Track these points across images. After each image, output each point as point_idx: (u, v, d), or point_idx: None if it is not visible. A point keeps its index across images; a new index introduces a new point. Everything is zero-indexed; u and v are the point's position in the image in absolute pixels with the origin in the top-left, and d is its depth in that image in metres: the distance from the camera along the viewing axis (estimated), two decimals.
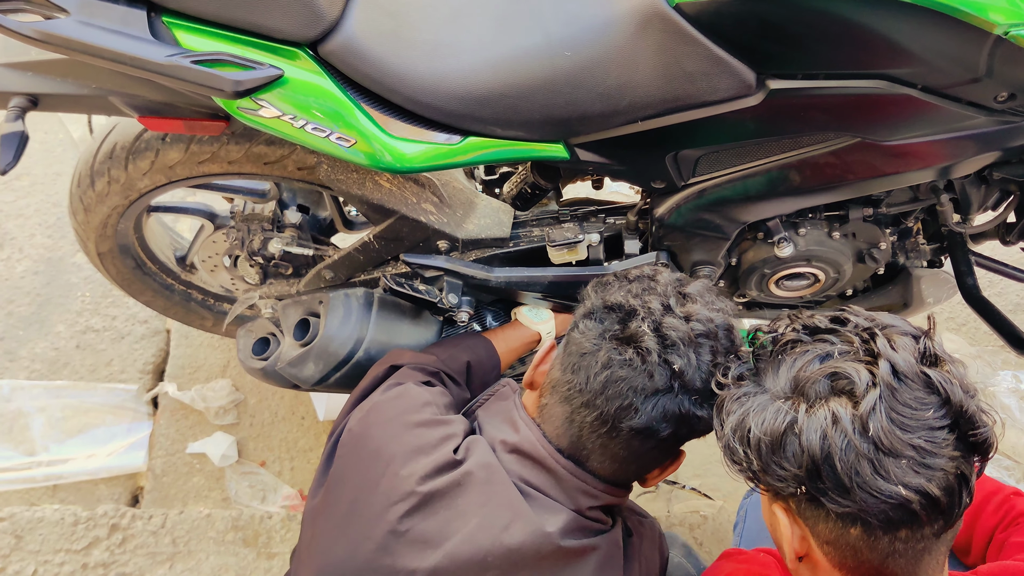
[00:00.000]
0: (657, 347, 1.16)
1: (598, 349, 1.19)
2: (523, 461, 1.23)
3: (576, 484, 1.22)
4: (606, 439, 1.20)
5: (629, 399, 1.16)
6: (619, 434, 1.19)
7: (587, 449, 1.22)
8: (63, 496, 2.30)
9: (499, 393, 1.43)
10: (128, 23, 1.20)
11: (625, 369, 1.16)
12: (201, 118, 1.43)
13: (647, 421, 1.17)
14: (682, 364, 1.16)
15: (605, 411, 1.18)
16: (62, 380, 2.49)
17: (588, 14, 1.35)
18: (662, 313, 1.19)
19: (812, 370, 0.95)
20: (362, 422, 1.31)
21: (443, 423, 1.28)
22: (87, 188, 1.72)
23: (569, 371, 1.22)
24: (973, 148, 1.42)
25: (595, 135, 1.43)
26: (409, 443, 1.23)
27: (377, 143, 1.34)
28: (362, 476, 1.23)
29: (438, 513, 1.16)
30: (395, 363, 1.51)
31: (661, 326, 1.17)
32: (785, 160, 1.47)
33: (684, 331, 1.17)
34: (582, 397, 1.20)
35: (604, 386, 1.17)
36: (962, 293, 1.75)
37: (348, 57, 1.29)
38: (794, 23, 1.23)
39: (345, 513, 1.21)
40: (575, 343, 1.23)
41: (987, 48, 1.18)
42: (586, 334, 1.22)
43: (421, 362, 1.52)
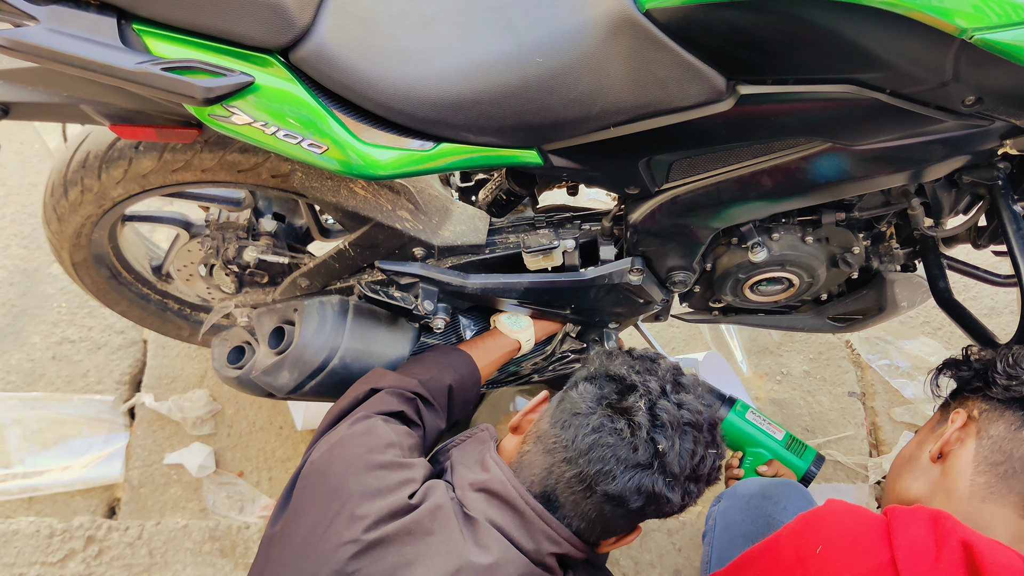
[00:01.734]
0: (648, 424, 1.23)
1: (592, 413, 1.26)
2: (491, 500, 1.27)
3: (542, 527, 1.26)
4: (579, 497, 1.26)
5: (610, 466, 1.22)
6: (592, 495, 1.24)
7: (559, 502, 1.28)
8: (39, 508, 2.28)
9: (477, 436, 1.46)
10: (98, 30, 1.20)
11: (613, 437, 1.23)
12: (173, 126, 1.43)
13: (621, 490, 1.22)
14: (666, 446, 1.23)
15: (585, 471, 1.23)
16: (38, 391, 2.48)
17: (559, 20, 1.36)
18: (658, 395, 1.28)
19: None
20: (325, 456, 1.32)
21: (404, 467, 1.30)
22: (60, 198, 1.71)
23: (559, 426, 1.29)
24: (942, 152, 1.43)
25: (568, 141, 1.44)
26: (368, 484, 1.25)
27: (350, 150, 1.34)
28: (319, 511, 1.24)
29: (386, 559, 1.18)
30: (375, 386, 1.52)
31: (655, 406, 1.26)
32: (757, 165, 1.47)
33: (674, 416, 1.26)
34: (566, 453, 1.26)
35: (590, 448, 1.23)
36: (934, 297, 1.76)
37: (320, 64, 1.29)
38: (763, 29, 1.24)
39: (299, 546, 1.22)
40: (570, 402, 1.30)
41: (953, 52, 1.19)
42: (584, 396, 1.30)
43: (401, 386, 1.53)
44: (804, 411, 2.58)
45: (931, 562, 1.06)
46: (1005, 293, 2.82)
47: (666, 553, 2.20)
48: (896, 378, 2.63)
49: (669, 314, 2.01)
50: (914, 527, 1.12)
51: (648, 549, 2.20)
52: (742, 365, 2.68)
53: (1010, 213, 1.51)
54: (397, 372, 1.63)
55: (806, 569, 1.16)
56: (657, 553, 2.20)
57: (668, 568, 2.17)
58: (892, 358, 2.68)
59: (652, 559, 2.19)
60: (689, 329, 2.78)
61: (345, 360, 1.63)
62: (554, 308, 1.83)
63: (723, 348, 2.72)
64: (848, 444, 2.51)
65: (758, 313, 2.05)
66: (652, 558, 2.19)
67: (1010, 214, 1.51)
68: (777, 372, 2.67)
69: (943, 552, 1.07)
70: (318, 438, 1.41)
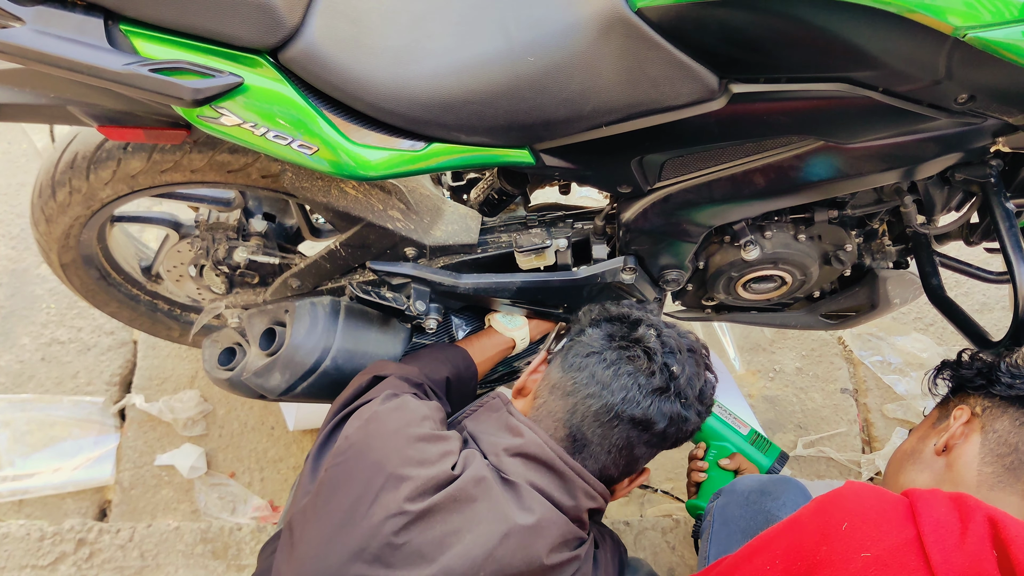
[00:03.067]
0: (661, 349, 1.35)
1: (606, 348, 1.36)
2: (529, 464, 1.30)
3: (581, 485, 1.32)
4: (607, 429, 1.33)
5: (632, 392, 1.31)
6: (620, 424, 1.32)
7: (586, 439, 1.34)
8: (29, 511, 2.27)
9: (488, 404, 1.46)
10: (85, 31, 1.19)
11: (631, 365, 1.33)
12: (162, 127, 1.42)
13: (645, 412, 1.31)
14: (678, 369, 1.35)
15: (610, 401, 1.31)
16: (27, 393, 2.46)
17: (551, 19, 1.35)
18: (662, 325, 1.41)
19: None
20: (361, 431, 1.32)
21: (442, 439, 1.31)
22: (48, 199, 1.70)
23: (574, 369, 1.37)
24: (935, 150, 1.42)
25: (560, 140, 1.43)
26: (410, 457, 1.26)
27: (340, 150, 1.33)
28: (362, 486, 1.24)
29: (434, 528, 1.20)
30: (379, 373, 1.52)
31: (662, 334, 1.38)
32: (750, 164, 1.47)
33: (679, 343, 1.39)
34: (587, 389, 1.33)
35: (612, 379, 1.32)
36: (927, 293, 1.76)
37: (309, 64, 1.28)
38: (755, 27, 1.23)
39: (340, 521, 1.22)
40: (581, 345, 1.39)
41: (945, 50, 1.19)
42: (593, 337, 1.39)
43: (405, 374, 1.54)
44: (797, 408, 2.58)
45: (957, 538, 1.07)
46: (997, 289, 2.83)
47: (660, 551, 2.20)
48: (888, 374, 2.63)
49: (662, 312, 2.01)
50: (938, 506, 1.13)
51: (642, 547, 2.19)
52: (735, 362, 2.68)
53: (1002, 210, 1.51)
54: (400, 362, 1.65)
55: (831, 546, 1.16)
56: (651, 551, 2.19)
57: (663, 566, 2.17)
58: (885, 354, 2.68)
59: (646, 557, 2.18)
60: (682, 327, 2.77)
61: (337, 361, 1.63)
62: (547, 307, 1.83)
63: (716, 345, 2.72)
64: (841, 440, 2.51)
65: (751, 311, 2.05)
66: (646, 556, 2.18)
67: (1002, 211, 1.51)
68: (770, 369, 2.66)
69: (969, 527, 1.08)
70: (327, 429, 1.40)
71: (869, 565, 1.11)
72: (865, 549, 1.12)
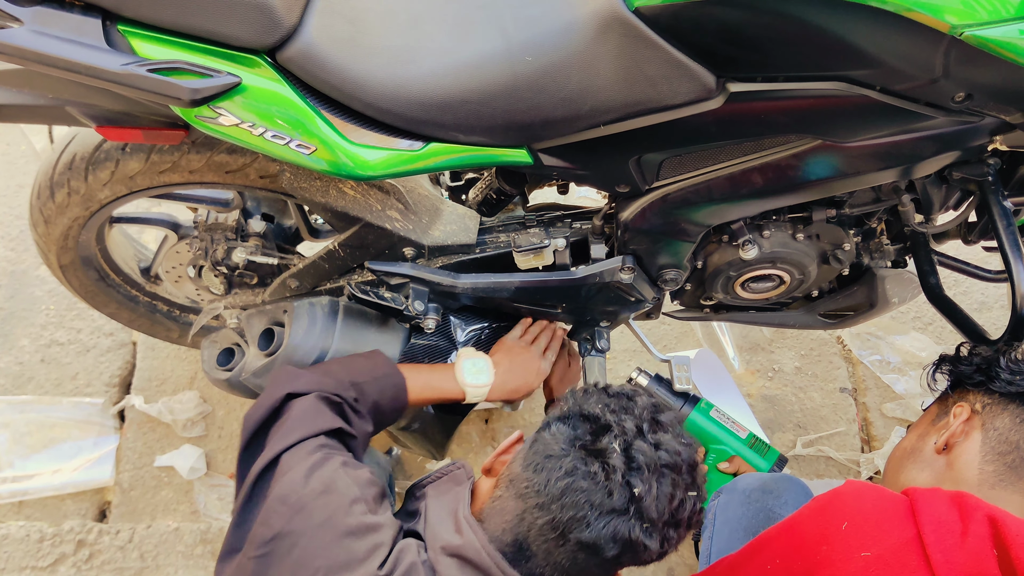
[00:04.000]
0: (623, 467, 1.17)
1: (565, 455, 1.19)
2: (465, 568, 1.21)
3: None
4: (552, 546, 1.18)
5: (584, 512, 1.15)
6: (566, 544, 1.17)
7: (531, 551, 1.21)
8: (29, 512, 2.27)
9: (453, 475, 1.41)
10: (83, 32, 1.19)
11: (587, 481, 1.16)
12: (160, 127, 1.42)
13: (596, 537, 1.15)
14: (642, 490, 1.16)
15: (558, 518, 1.16)
16: (26, 395, 2.46)
17: (548, 18, 1.35)
18: (634, 435, 1.21)
19: None
20: (288, 523, 1.22)
21: (372, 530, 1.22)
22: (47, 200, 1.70)
23: (531, 469, 1.22)
24: (932, 148, 1.43)
25: (558, 140, 1.43)
26: (335, 558, 1.18)
27: (338, 150, 1.33)
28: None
29: None
30: (293, 390, 1.43)
31: (631, 447, 1.19)
32: (747, 163, 1.47)
33: (651, 457, 1.19)
34: (538, 498, 1.19)
35: (562, 492, 1.16)
36: (925, 292, 1.76)
37: (307, 64, 1.28)
38: (752, 26, 1.23)
39: None
40: (543, 443, 1.24)
41: (942, 49, 1.19)
42: (556, 437, 1.23)
43: (322, 389, 1.44)
44: (796, 407, 2.58)
45: (958, 537, 1.08)
46: (995, 288, 2.83)
47: None
48: (887, 373, 2.63)
49: (660, 312, 2.01)
50: (938, 505, 1.14)
51: None
52: (734, 362, 2.68)
53: (1000, 209, 1.51)
54: (315, 371, 1.52)
55: (831, 545, 1.16)
56: None
57: (662, 566, 2.17)
58: (883, 354, 2.68)
59: None
60: (681, 327, 2.78)
61: None
62: (545, 307, 1.83)
63: (715, 345, 2.72)
64: (840, 440, 2.51)
65: (749, 310, 2.05)
66: None
67: (1000, 210, 1.51)
68: (769, 368, 2.67)
69: (970, 527, 1.09)
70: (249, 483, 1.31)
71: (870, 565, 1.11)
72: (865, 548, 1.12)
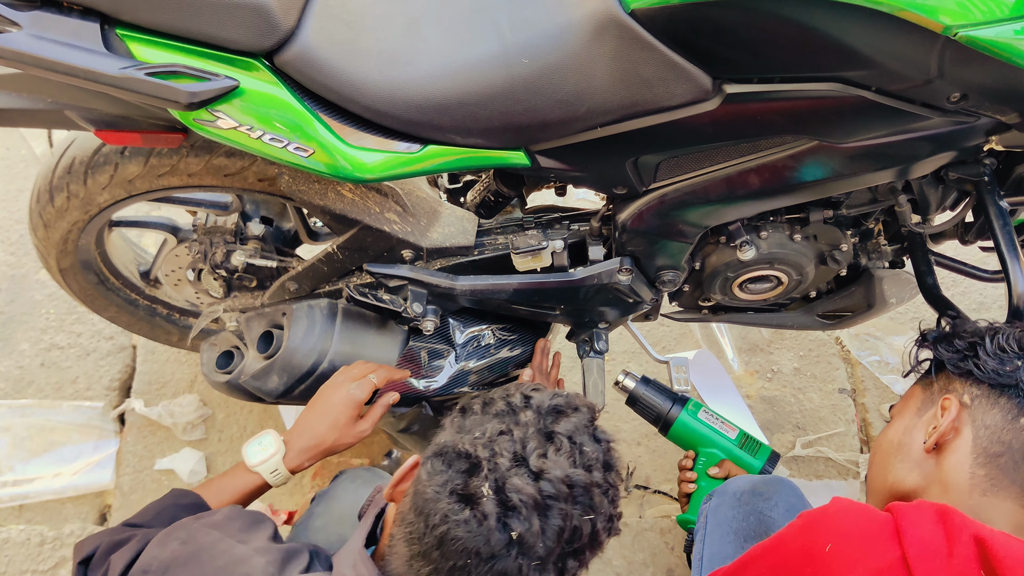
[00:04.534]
0: (496, 510, 1.04)
1: (438, 499, 1.07)
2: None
3: None
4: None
5: (464, 560, 1.06)
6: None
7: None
8: (29, 516, 2.27)
9: (376, 500, 1.36)
10: (81, 36, 1.19)
11: (461, 528, 1.05)
12: (158, 131, 1.43)
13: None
14: (522, 530, 1.04)
15: (440, 567, 1.08)
16: (27, 399, 2.47)
17: (545, 21, 1.36)
18: (508, 468, 1.06)
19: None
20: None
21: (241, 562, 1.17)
22: (46, 204, 1.70)
23: (413, 512, 1.12)
24: (928, 149, 1.43)
25: (555, 142, 1.44)
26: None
27: (336, 153, 1.33)
28: None
29: None
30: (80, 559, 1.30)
31: (504, 487, 1.05)
32: (744, 164, 1.47)
33: (529, 494, 1.04)
34: (420, 546, 1.10)
35: (440, 542, 1.06)
36: (923, 293, 1.77)
37: (304, 67, 1.29)
38: (747, 28, 1.24)
39: None
40: (420, 483, 1.12)
41: (937, 49, 1.19)
42: (432, 477, 1.10)
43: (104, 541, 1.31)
44: (795, 408, 2.58)
45: (943, 559, 1.05)
46: (993, 288, 2.83)
47: (659, 552, 2.20)
48: (886, 374, 2.64)
49: (659, 313, 2.01)
50: (923, 524, 1.10)
51: (641, 548, 2.20)
52: (733, 363, 2.68)
53: (996, 209, 1.52)
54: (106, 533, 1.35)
55: (815, 567, 1.15)
56: (650, 552, 2.20)
57: (661, 567, 2.17)
58: (882, 354, 2.69)
59: (645, 558, 2.19)
60: (679, 328, 2.78)
61: (334, 364, 1.63)
62: (543, 309, 1.83)
63: (714, 346, 2.72)
64: (839, 441, 2.51)
65: (748, 311, 2.05)
66: (645, 557, 2.19)
67: (996, 210, 1.52)
68: (768, 370, 2.67)
69: (955, 548, 1.05)
70: None
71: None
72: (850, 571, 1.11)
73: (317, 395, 1.61)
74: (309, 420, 1.58)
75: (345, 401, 1.58)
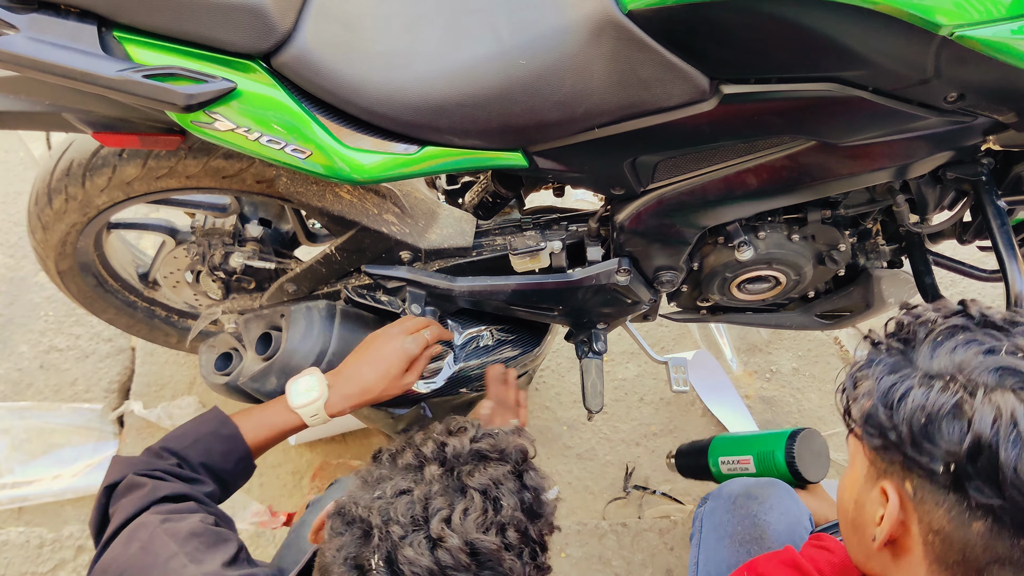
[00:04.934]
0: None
1: (334, 563, 0.99)
2: None
3: None
4: None
5: None
6: None
7: None
8: (28, 519, 2.27)
9: None
10: (78, 38, 1.19)
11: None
12: (156, 133, 1.43)
13: None
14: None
15: None
16: (26, 401, 2.46)
17: (542, 22, 1.36)
18: (403, 537, 0.95)
19: (982, 360, 0.93)
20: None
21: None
22: (45, 206, 1.70)
23: (319, 570, 1.05)
24: (926, 148, 1.43)
25: (553, 143, 1.44)
26: None
27: (333, 154, 1.33)
28: None
29: None
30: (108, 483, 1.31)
31: (395, 559, 0.94)
32: (742, 164, 1.48)
33: (425, 566, 0.93)
34: None
35: None
36: (921, 292, 1.77)
37: (302, 69, 1.29)
38: (744, 28, 1.24)
39: None
40: (324, 542, 1.04)
41: (933, 49, 1.19)
42: (332, 538, 1.02)
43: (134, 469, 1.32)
44: (794, 408, 2.58)
45: None
46: (992, 288, 2.83)
47: (657, 552, 2.20)
48: None
49: (657, 314, 2.01)
50: None
51: (640, 549, 2.20)
52: (732, 363, 2.69)
53: (994, 208, 1.52)
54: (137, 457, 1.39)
55: None
56: (649, 553, 2.19)
57: (660, 568, 2.17)
58: None
59: (644, 559, 2.19)
60: (678, 328, 2.78)
61: (333, 365, 1.63)
62: (541, 310, 1.83)
63: (712, 347, 2.72)
64: (838, 441, 2.51)
65: (746, 311, 2.05)
66: (644, 558, 2.19)
67: (994, 209, 1.52)
68: (766, 370, 2.67)
69: None
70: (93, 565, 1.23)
71: None
72: None
73: (368, 344, 1.59)
74: (359, 369, 1.55)
75: (399, 353, 1.56)
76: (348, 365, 1.57)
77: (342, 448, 2.41)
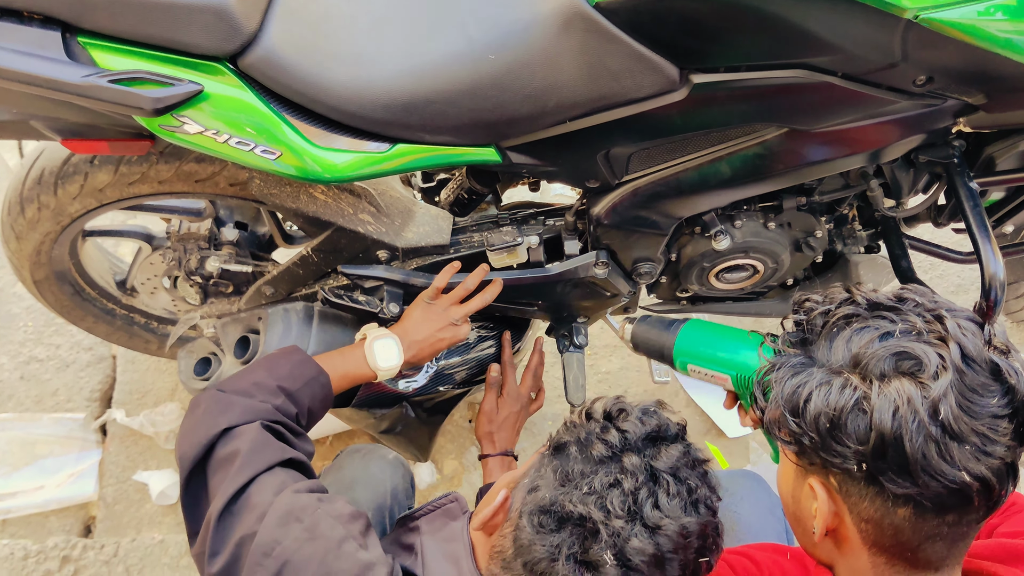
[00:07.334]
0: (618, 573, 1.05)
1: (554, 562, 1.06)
2: None
3: None
4: None
5: None
6: None
7: None
8: (12, 530, 2.26)
9: (446, 509, 1.37)
10: (43, 45, 1.18)
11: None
12: (126, 138, 1.42)
13: None
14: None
15: None
16: (7, 412, 2.45)
17: (510, 17, 1.36)
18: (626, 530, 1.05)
19: (876, 347, 0.93)
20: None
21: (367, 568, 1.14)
22: (17, 215, 1.69)
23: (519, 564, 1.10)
24: (897, 132, 1.44)
25: (525, 137, 1.44)
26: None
27: (304, 154, 1.33)
28: None
29: None
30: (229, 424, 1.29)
31: (625, 551, 1.04)
32: (715, 153, 1.48)
33: (650, 553, 1.04)
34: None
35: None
36: (898, 276, 1.78)
37: (269, 69, 1.28)
38: (711, 17, 1.24)
39: None
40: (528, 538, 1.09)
41: (899, 32, 1.20)
42: (542, 536, 1.08)
43: (259, 415, 1.32)
44: None
45: None
46: (971, 271, 2.84)
47: None
48: None
49: (637, 306, 2.02)
50: None
51: None
52: None
53: (966, 191, 1.52)
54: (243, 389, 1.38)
55: None
56: None
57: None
58: None
59: None
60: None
61: None
62: (521, 305, 1.83)
63: None
64: None
65: (726, 300, 2.05)
66: None
67: (966, 191, 1.52)
68: None
69: None
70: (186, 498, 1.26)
71: None
72: None
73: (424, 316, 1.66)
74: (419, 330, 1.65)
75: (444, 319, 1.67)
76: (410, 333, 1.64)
77: (327, 450, 2.40)
